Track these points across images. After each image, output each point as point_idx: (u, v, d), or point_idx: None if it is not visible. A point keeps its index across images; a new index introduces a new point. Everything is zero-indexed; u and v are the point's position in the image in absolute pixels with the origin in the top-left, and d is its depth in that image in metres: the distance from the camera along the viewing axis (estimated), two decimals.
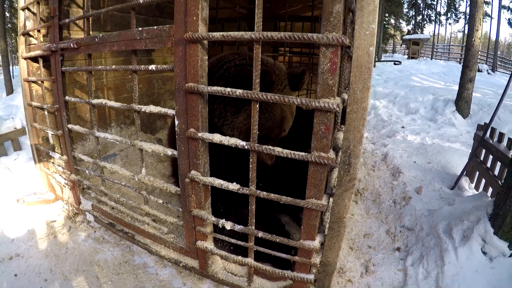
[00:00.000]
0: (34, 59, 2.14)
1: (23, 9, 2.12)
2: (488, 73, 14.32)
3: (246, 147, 1.06)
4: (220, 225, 1.25)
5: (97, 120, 1.77)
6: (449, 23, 24.80)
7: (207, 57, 1.14)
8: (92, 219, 2.01)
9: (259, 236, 1.19)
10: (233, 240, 1.28)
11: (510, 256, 1.77)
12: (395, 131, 4.49)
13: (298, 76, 1.53)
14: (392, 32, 22.91)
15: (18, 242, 2.05)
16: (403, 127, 4.68)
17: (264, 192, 1.09)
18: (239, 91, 1.03)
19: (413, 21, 24.61)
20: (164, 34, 1.16)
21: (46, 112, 2.09)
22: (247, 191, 1.13)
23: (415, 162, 3.40)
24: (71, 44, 1.61)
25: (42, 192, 2.46)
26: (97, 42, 1.46)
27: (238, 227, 1.22)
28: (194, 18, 1.06)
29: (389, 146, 3.82)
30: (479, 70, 14.28)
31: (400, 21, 21.28)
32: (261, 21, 0.96)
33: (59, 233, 2.17)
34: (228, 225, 1.23)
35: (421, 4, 24.48)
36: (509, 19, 20.84)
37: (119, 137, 1.48)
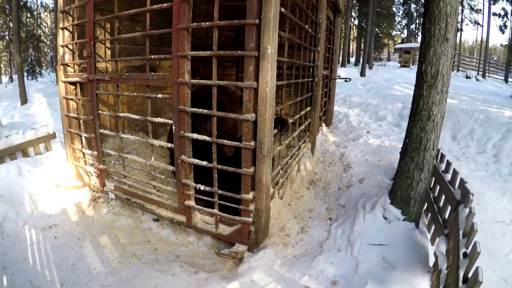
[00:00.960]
0: (71, 83, 3.12)
1: (62, 46, 3.10)
2: (477, 80, 15.22)
3: (209, 140, 2.04)
4: (197, 187, 2.22)
5: (114, 127, 2.72)
6: None
7: (190, 91, 2.13)
8: (113, 197, 2.96)
9: (219, 193, 2.16)
10: (205, 198, 2.25)
11: (403, 220, 2.57)
12: (360, 135, 5.46)
13: None
14: (386, 41, 24.25)
15: (54, 217, 2.93)
16: (368, 132, 5.65)
17: (220, 165, 2.07)
18: (205, 111, 2.02)
19: (407, 30, 26.01)
20: (166, 78, 2.16)
21: (81, 121, 3.06)
22: (211, 165, 2.11)
23: (367, 160, 4.36)
24: (106, 77, 2.60)
25: (71, 181, 3.41)
26: (124, 78, 2.46)
27: (207, 188, 2.20)
28: (182, 70, 2.06)
29: (349, 148, 4.78)
30: (467, 77, 15.23)
31: (391, 30, 22.54)
32: (216, 74, 1.95)
33: (86, 210, 3.10)
34: (202, 187, 2.20)
35: (414, 14, 25.90)
36: (500, 26, 22.02)
37: (138, 137, 2.47)
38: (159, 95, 2.24)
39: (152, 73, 2.23)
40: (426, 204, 2.65)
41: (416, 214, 2.53)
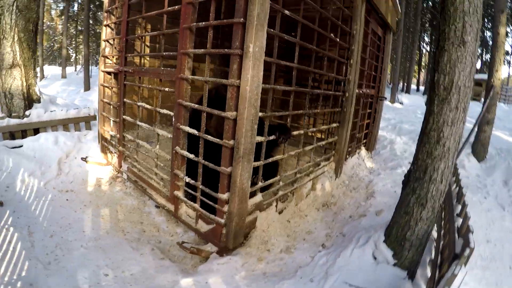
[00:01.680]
0: (108, 73, 3.64)
1: (104, 41, 3.64)
2: None
3: (197, 134, 2.21)
4: (185, 179, 2.39)
5: (144, 117, 3.08)
6: None
7: (190, 87, 2.34)
8: (126, 177, 3.33)
9: (200, 187, 2.29)
10: (189, 190, 2.41)
11: (393, 265, 2.10)
12: (400, 165, 5.05)
13: None
14: None
15: (74, 184, 3.38)
16: (409, 162, 5.20)
17: (204, 161, 2.20)
18: (197, 106, 2.20)
19: (480, 60, 22.76)
20: (172, 73, 2.42)
21: (111, 107, 3.55)
22: (197, 159, 2.26)
23: (395, 191, 4.01)
24: (130, 70, 3.01)
25: (97, 158, 3.92)
26: (143, 71, 2.81)
27: (191, 181, 2.35)
28: (184, 67, 2.28)
29: (381, 176, 4.46)
30: None
31: None
32: (208, 71, 2.12)
33: (103, 185, 3.52)
34: (187, 179, 2.36)
35: (490, 42, 22.78)
36: None
37: (147, 125, 2.78)
38: (166, 88, 2.51)
39: (163, 68, 2.52)
40: (434, 253, 2.31)
41: (410, 261, 2.11)
